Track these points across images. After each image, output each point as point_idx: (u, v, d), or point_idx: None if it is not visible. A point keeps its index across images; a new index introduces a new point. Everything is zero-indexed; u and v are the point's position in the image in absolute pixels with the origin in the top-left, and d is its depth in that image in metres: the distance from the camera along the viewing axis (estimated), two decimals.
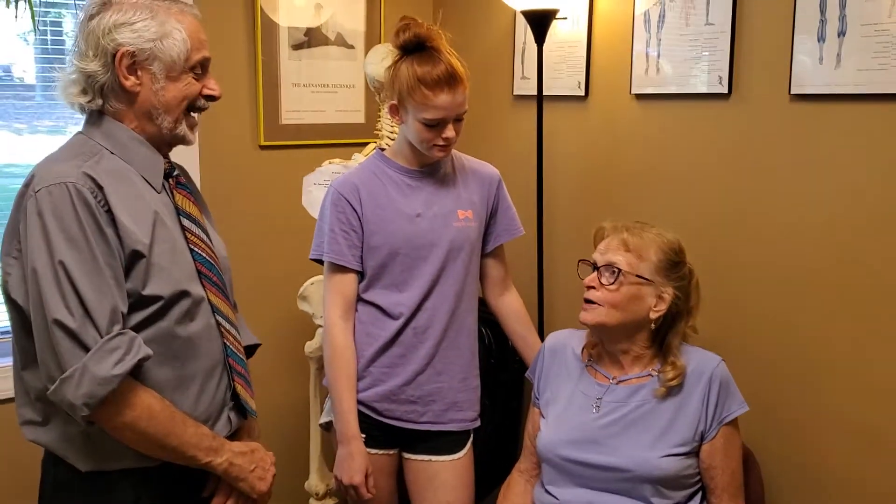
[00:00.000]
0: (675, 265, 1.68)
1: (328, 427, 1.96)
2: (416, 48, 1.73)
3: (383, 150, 1.93)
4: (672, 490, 1.64)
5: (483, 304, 2.01)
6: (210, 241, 1.49)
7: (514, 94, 2.49)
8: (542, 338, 2.02)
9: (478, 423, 1.94)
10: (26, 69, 2.40)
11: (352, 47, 2.62)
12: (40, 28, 2.24)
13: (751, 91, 1.90)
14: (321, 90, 2.59)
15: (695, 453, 1.65)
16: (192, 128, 1.45)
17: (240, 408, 1.51)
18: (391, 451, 1.89)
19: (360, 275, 1.85)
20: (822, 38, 1.72)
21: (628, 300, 1.64)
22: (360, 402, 1.84)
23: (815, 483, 1.84)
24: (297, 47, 2.53)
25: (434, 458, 1.88)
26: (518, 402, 2.45)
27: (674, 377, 1.64)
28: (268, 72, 2.48)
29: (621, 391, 1.68)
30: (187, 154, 2.37)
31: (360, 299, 1.85)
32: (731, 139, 1.95)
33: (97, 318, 1.27)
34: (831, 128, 1.75)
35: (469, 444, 1.92)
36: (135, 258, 1.33)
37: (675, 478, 1.62)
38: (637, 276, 1.64)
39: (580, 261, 1.74)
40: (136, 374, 1.33)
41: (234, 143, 2.49)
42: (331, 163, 2.34)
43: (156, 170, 1.42)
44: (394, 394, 1.84)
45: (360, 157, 2.31)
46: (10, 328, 1.39)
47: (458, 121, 1.76)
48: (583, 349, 1.79)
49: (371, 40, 2.62)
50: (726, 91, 1.92)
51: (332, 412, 1.86)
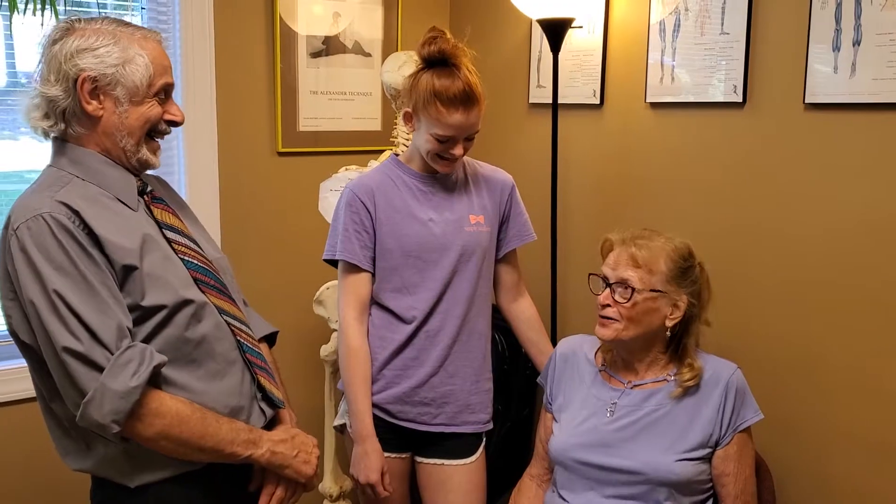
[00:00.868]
0: (685, 271, 1.67)
1: (342, 429, 1.98)
2: (438, 62, 1.75)
3: (398, 155, 1.95)
4: (685, 495, 1.63)
5: (496, 311, 2.02)
6: (198, 247, 1.50)
7: (530, 102, 2.51)
8: (554, 344, 2.02)
9: (490, 426, 1.95)
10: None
11: (369, 55, 2.65)
12: None
13: (765, 100, 1.90)
14: (338, 98, 2.62)
15: (708, 459, 1.65)
16: (154, 152, 1.46)
17: (268, 399, 1.52)
18: (404, 455, 1.91)
19: (373, 276, 1.86)
20: (837, 48, 1.73)
21: (644, 314, 1.64)
22: (373, 404, 1.85)
23: (827, 494, 1.83)
24: (315, 55, 2.56)
25: (447, 461, 1.88)
26: (530, 408, 2.45)
27: (690, 378, 1.65)
28: (286, 79, 2.51)
29: (636, 395, 1.69)
30: (206, 160, 2.42)
31: (373, 303, 1.87)
32: (745, 148, 1.95)
33: (104, 338, 1.28)
34: (846, 137, 1.75)
35: (482, 448, 1.93)
36: (127, 272, 1.34)
37: (688, 483, 1.62)
38: (650, 290, 1.64)
39: (591, 275, 1.73)
40: (158, 382, 1.34)
41: (252, 149, 2.52)
42: (347, 169, 2.36)
43: (129, 189, 1.43)
44: (407, 396, 1.85)
45: (375, 164, 2.33)
46: (28, 367, 1.41)
47: (468, 139, 1.78)
48: (595, 354, 1.79)
49: (388, 49, 2.65)
50: (741, 100, 1.93)
51: (348, 412, 1.88)
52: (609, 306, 1.66)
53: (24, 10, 1.96)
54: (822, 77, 1.76)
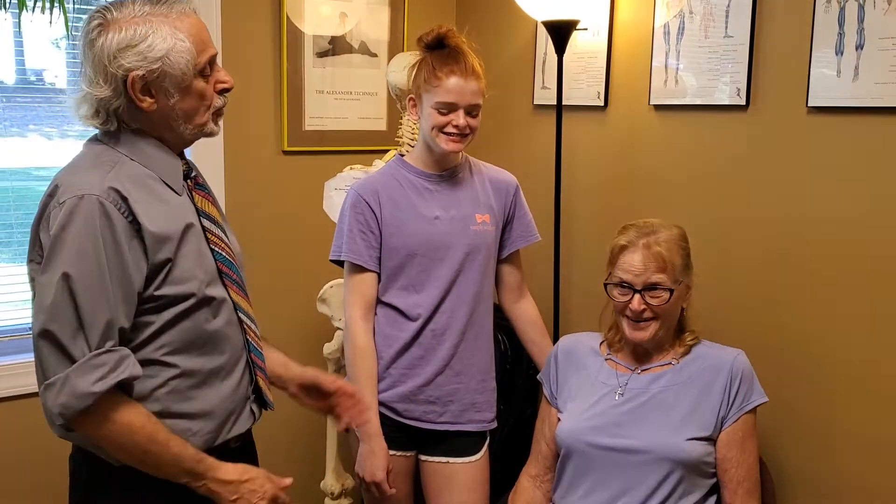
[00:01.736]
0: (688, 255, 1.74)
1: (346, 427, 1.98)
2: (437, 46, 1.80)
3: (403, 155, 1.96)
4: (695, 476, 1.65)
5: (498, 310, 2.03)
6: (228, 238, 1.51)
7: (534, 103, 2.51)
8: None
9: (495, 424, 1.96)
10: (58, 74, 2.45)
11: (375, 55, 2.66)
12: (73, 34, 2.30)
13: (769, 103, 1.90)
14: (344, 97, 2.63)
15: (715, 440, 1.67)
16: (217, 121, 1.45)
17: (260, 400, 1.53)
18: (409, 453, 1.92)
19: (379, 276, 1.87)
20: (840, 52, 1.73)
21: (674, 306, 1.71)
22: (379, 402, 1.86)
23: (828, 492, 1.83)
24: (322, 55, 2.57)
25: (451, 459, 1.89)
26: (533, 407, 2.46)
27: (691, 338, 1.73)
28: (292, 79, 2.52)
29: (644, 378, 1.72)
30: (212, 158, 2.43)
31: (378, 301, 1.88)
32: (748, 151, 1.96)
33: (89, 332, 1.27)
34: (848, 140, 1.76)
35: (485, 447, 1.94)
36: (162, 264, 1.34)
37: (697, 462, 1.64)
38: (677, 283, 1.69)
39: (608, 284, 1.73)
40: (130, 391, 1.32)
41: (258, 148, 2.53)
42: (351, 168, 2.37)
43: (175, 173, 1.42)
44: (413, 394, 1.86)
45: (380, 164, 2.34)
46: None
47: (471, 115, 1.79)
48: (601, 343, 1.82)
49: (394, 49, 2.66)
50: (744, 103, 1.93)
51: None
52: (644, 310, 1.68)
53: (34, 7, 1.97)
54: (825, 81, 1.76)
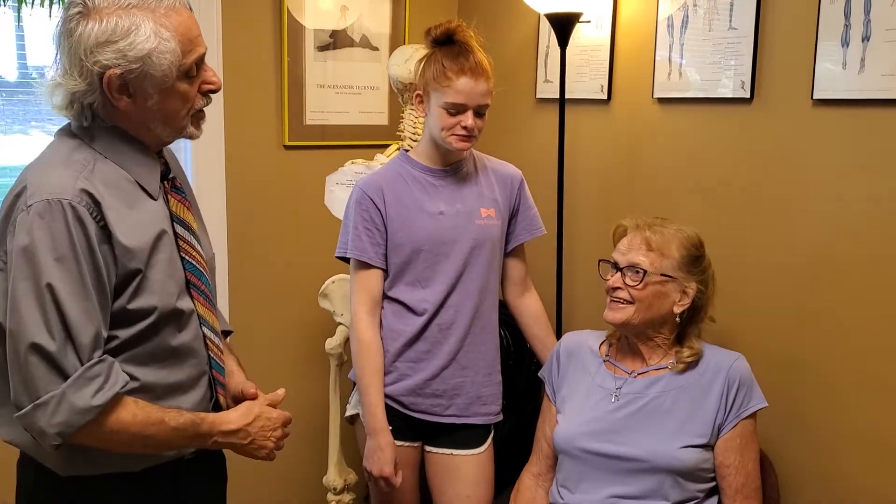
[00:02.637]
0: (696, 259, 1.71)
1: (353, 420, 1.99)
2: (446, 41, 1.79)
3: (407, 151, 1.96)
4: (690, 482, 1.64)
5: (502, 306, 2.02)
6: (199, 245, 1.43)
7: (537, 97, 2.50)
8: (559, 337, 2.02)
9: (501, 417, 1.97)
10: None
11: (376, 49, 2.65)
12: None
13: (773, 96, 1.89)
14: (345, 91, 2.62)
15: (712, 447, 1.66)
16: (198, 125, 1.37)
17: None
18: (415, 444, 1.92)
19: (385, 272, 1.87)
20: (845, 43, 1.72)
21: (654, 298, 1.67)
22: (386, 395, 1.86)
23: (833, 491, 1.82)
24: (323, 49, 2.56)
25: (456, 451, 1.90)
26: (535, 403, 2.44)
27: (689, 355, 1.68)
28: (293, 73, 2.51)
29: (640, 383, 1.70)
30: (212, 153, 2.42)
31: (385, 296, 1.88)
32: (753, 144, 1.95)
33: (80, 345, 1.22)
34: (854, 133, 1.74)
35: (490, 440, 1.95)
36: (132, 275, 1.28)
37: (693, 470, 1.63)
38: (661, 274, 1.66)
39: (601, 261, 1.76)
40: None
41: (258, 142, 2.52)
42: (353, 163, 2.36)
43: (152, 176, 1.35)
44: (420, 388, 1.87)
45: (382, 158, 2.33)
46: None
47: (479, 114, 1.79)
48: (601, 344, 1.81)
49: (396, 43, 2.64)
50: (749, 96, 1.92)
51: (360, 406, 1.89)
52: (619, 289, 1.67)
53: (33, 2, 1.96)
54: (830, 73, 1.75)
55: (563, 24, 2.14)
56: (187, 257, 1.38)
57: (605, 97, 2.28)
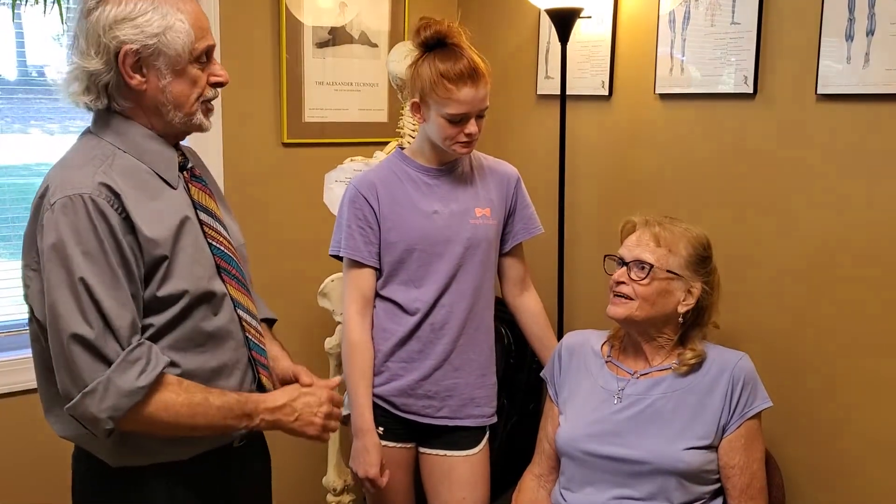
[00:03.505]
0: (703, 260, 1.69)
1: (346, 420, 1.97)
2: (436, 45, 1.75)
3: (403, 148, 1.94)
4: (695, 485, 1.62)
5: (502, 304, 2.01)
6: (227, 232, 1.48)
7: (538, 93, 2.48)
8: (560, 337, 2.01)
9: (495, 419, 1.94)
10: (60, 70, 2.44)
11: (375, 46, 2.63)
12: (69, 25, 2.28)
13: (777, 91, 1.87)
14: (345, 88, 2.60)
15: (716, 448, 1.63)
16: (206, 114, 1.41)
17: None
18: (408, 445, 1.90)
19: (378, 271, 1.85)
20: (850, 37, 1.70)
21: (658, 295, 1.64)
22: (378, 395, 1.85)
23: (838, 490, 1.81)
24: (322, 46, 2.54)
25: (450, 452, 1.88)
26: (536, 402, 2.44)
27: (692, 357, 1.65)
28: (292, 70, 2.50)
29: (642, 384, 1.68)
30: (211, 150, 2.40)
31: (377, 295, 1.86)
32: (756, 140, 1.93)
33: (118, 331, 1.26)
34: (858, 128, 1.73)
35: (485, 441, 1.92)
36: (158, 262, 1.31)
37: (697, 472, 1.61)
38: (667, 271, 1.64)
39: (606, 256, 1.74)
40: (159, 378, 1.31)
41: (257, 140, 2.51)
42: (352, 160, 2.35)
43: (170, 166, 1.39)
44: (411, 388, 1.85)
45: (381, 155, 2.32)
46: (34, 335, 1.37)
47: (479, 117, 1.77)
48: (603, 344, 1.79)
49: (395, 39, 2.62)
50: (752, 91, 1.90)
51: (349, 406, 1.87)
52: (623, 283, 1.65)
53: (34, 1, 1.95)
54: (834, 67, 1.73)
55: (564, 20, 2.12)
56: (214, 243, 1.42)
57: (607, 93, 2.26)
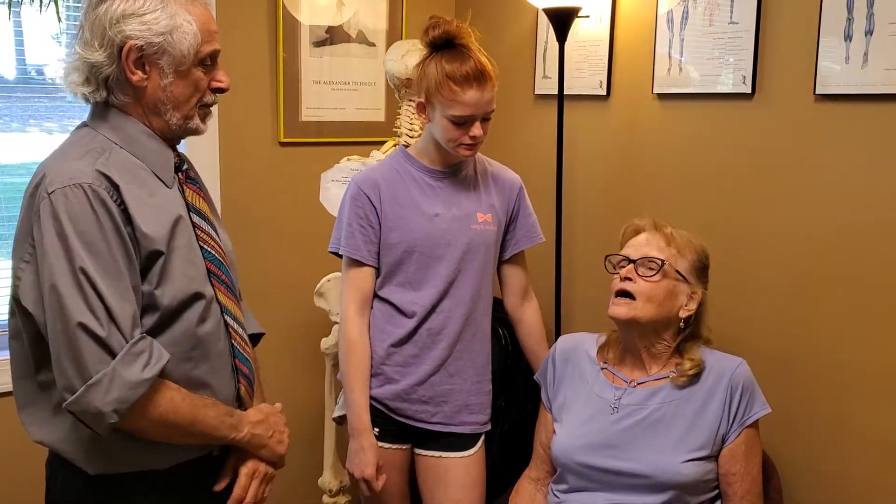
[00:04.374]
0: (704, 269, 1.69)
1: (341, 421, 1.96)
2: (444, 45, 1.73)
3: (407, 146, 1.92)
4: (693, 495, 1.61)
5: (499, 304, 2.00)
6: (218, 237, 1.47)
7: (536, 93, 2.47)
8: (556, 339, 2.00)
9: (489, 427, 1.93)
10: (59, 70, 2.43)
11: (373, 45, 2.62)
12: (72, 29, 2.27)
13: (775, 91, 1.86)
14: (342, 87, 2.59)
15: (715, 457, 1.62)
16: (204, 119, 1.41)
17: (243, 409, 1.49)
18: (404, 447, 1.89)
19: (378, 271, 1.84)
20: (848, 37, 1.69)
21: (665, 295, 1.63)
22: (372, 398, 1.84)
23: (836, 493, 1.80)
24: (319, 44, 2.53)
25: (446, 454, 1.87)
26: (533, 403, 2.41)
27: (691, 367, 1.63)
28: (289, 69, 2.49)
29: (639, 394, 1.66)
30: (207, 149, 2.39)
31: (375, 296, 1.85)
32: (754, 140, 1.92)
33: (122, 324, 1.25)
34: (857, 129, 1.72)
35: (481, 442, 1.92)
36: (153, 258, 1.30)
37: (696, 483, 1.59)
38: (676, 271, 1.63)
39: (608, 256, 1.71)
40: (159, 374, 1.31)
41: (254, 139, 2.50)
42: (349, 160, 2.34)
43: (166, 165, 1.38)
44: (406, 393, 1.84)
45: (378, 155, 2.31)
46: (14, 332, 1.34)
47: (485, 120, 1.76)
48: (597, 352, 1.76)
49: (392, 38, 2.62)
50: (750, 91, 1.89)
51: (345, 406, 1.86)
52: (629, 280, 1.62)
53: (32, 1, 1.94)
54: (833, 67, 1.72)
55: (562, 19, 2.11)
56: (206, 246, 1.41)
57: (605, 93, 2.25)
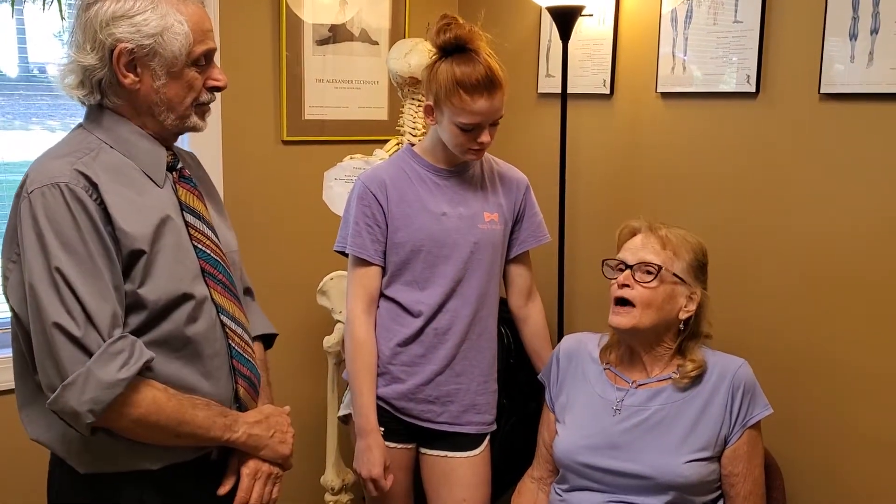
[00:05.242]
0: (702, 267, 1.67)
1: (346, 420, 1.96)
2: (455, 49, 1.71)
3: (413, 145, 1.92)
4: (696, 496, 1.60)
5: (503, 303, 1.99)
6: (216, 236, 1.44)
7: (539, 91, 2.47)
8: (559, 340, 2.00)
9: (494, 427, 1.93)
10: (55, 73, 2.43)
11: (376, 43, 2.62)
12: (68, 21, 2.27)
13: (779, 90, 1.86)
14: (345, 86, 2.59)
15: (717, 458, 1.61)
16: (202, 116, 1.40)
17: (244, 410, 1.46)
18: (409, 446, 1.89)
19: (384, 270, 1.84)
20: (853, 36, 1.68)
21: (664, 299, 1.61)
22: (378, 397, 1.83)
23: (839, 494, 1.79)
24: (322, 43, 2.53)
25: (451, 453, 1.87)
26: (536, 402, 2.41)
27: (693, 369, 1.62)
28: (292, 67, 2.48)
29: (641, 395, 1.65)
30: (210, 148, 2.39)
31: (381, 295, 1.85)
32: (758, 139, 1.91)
33: (99, 323, 1.23)
34: (862, 128, 1.71)
35: (486, 442, 1.92)
36: (135, 257, 1.29)
37: (698, 484, 1.59)
38: (674, 274, 1.62)
39: (604, 261, 1.70)
40: (142, 374, 1.29)
41: (256, 137, 2.50)
42: (352, 158, 2.34)
43: (158, 164, 1.37)
44: (412, 393, 1.83)
45: (380, 153, 2.31)
46: (13, 332, 1.35)
47: (493, 125, 1.75)
48: (600, 352, 1.76)
49: (395, 37, 2.61)
50: (754, 90, 1.88)
51: (352, 405, 1.86)
52: (627, 287, 1.61)
53: None
54: (838, 66, 1.72)
55: (565, 18, 2.11)
56: (200, 245, 1.39)
57: (608, 92, 2.25)
